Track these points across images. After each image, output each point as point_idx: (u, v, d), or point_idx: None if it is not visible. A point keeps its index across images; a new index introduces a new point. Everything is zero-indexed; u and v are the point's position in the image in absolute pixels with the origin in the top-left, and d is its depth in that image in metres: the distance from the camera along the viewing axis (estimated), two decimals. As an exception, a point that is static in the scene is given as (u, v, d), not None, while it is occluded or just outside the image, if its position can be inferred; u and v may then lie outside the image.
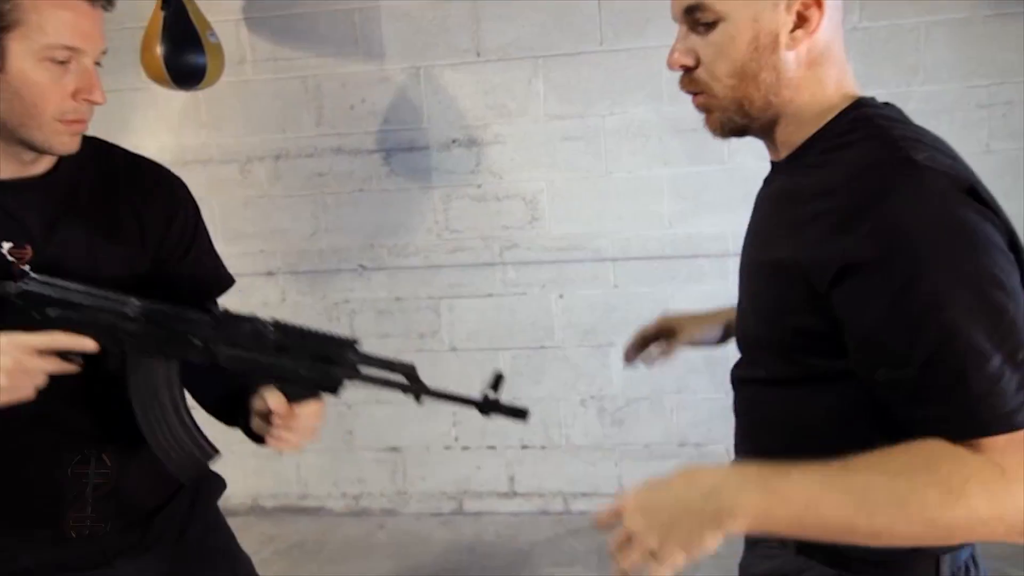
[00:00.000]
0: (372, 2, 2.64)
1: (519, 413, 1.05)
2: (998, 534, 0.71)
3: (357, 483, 2.98)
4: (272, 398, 1.02)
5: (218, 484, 1.34)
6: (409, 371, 1.03)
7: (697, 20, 0.86)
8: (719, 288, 2.52)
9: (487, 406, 1.04)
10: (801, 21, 0.84)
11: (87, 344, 0.98)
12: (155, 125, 2.80)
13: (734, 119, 0.88)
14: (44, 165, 1.05)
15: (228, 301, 1.18)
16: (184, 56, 2.21)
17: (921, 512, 0.71)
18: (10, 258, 1.00)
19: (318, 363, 1.02)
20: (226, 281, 1.23)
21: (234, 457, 3.19)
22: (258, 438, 1.10)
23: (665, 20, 0.92)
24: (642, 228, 2.65)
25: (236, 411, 1.11)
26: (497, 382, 1.03)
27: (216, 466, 1.30)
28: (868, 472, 0.73)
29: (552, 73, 2.62)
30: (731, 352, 1.01)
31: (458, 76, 2.65)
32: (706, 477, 0.76)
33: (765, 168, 0.96)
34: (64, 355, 0.98)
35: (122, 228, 1.08)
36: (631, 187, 2.65)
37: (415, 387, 1.03)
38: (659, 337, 1.27)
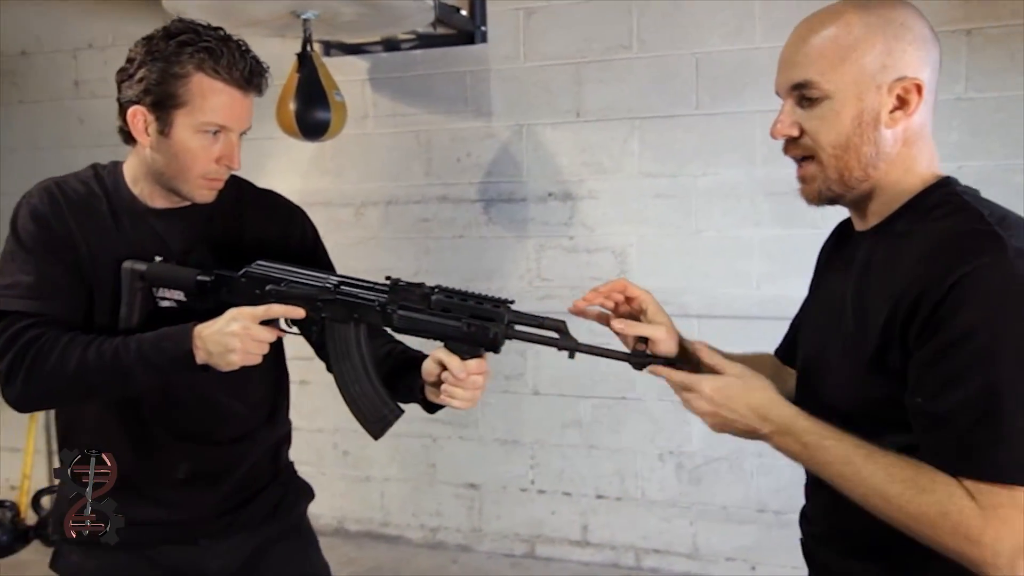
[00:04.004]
0: (483, 66, 2.85)
1: (671, 361, 1.08)
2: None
3: (436, 516, 3.07)
4: (447, 357, 1.11)
5: (306, 490, 1.47)
6: (560, 326, 1.07)
7: (803, 95, 0.95)
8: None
9: (639, 360, 1.07)
10: (901, 103, 0.93)
11: (296, 312, 1.16)
12: (286, 170, 3.11)
13: (833, 188, 0.97)
14: (187, 199, 1.27)
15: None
16: (312, 112, 2.44)
17: (898, 514, 0.88)
18: None
19: (478, 321, 1.10)
20: None
21: (325, 479, 3.36)
22: (430, 406, 1.21)
23: (761, 86, 1.02)
24: (729, 287, 2.66)
25: (407, 386, 1.22)
26: (645, 342, 1.07)
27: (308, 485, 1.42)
28: (879, 468, 0.89)
29: (648, 134, 2.72)
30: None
31: (558, 134, 2.80)
32: (764, 405, 0.97)
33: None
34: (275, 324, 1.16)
35: (245, 246, 1.28)
36: (720, 246, 2.68)
37: (566, 342, 1.07)
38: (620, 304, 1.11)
